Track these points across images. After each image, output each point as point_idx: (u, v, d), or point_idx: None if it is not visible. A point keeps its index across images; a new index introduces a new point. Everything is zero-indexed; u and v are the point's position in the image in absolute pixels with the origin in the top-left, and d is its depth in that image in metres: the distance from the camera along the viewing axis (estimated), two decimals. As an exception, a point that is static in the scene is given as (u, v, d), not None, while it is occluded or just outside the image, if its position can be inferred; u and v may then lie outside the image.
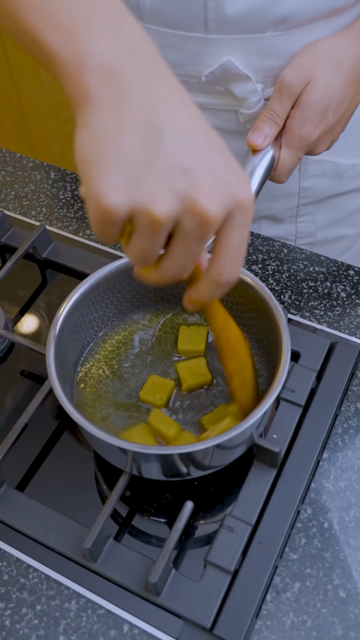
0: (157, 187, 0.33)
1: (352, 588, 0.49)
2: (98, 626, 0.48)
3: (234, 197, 0.35)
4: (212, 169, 0.34)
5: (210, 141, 0.35)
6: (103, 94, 0.34)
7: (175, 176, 0.33)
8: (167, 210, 0.33)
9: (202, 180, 0.33)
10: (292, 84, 0.56)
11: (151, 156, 0.33)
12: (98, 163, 0.33)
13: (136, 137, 0.33)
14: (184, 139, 0.34)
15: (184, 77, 0.65)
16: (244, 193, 0.35)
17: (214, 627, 0.46)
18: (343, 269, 0.68)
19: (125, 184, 0.33)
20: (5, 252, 0.73)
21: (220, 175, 0.34)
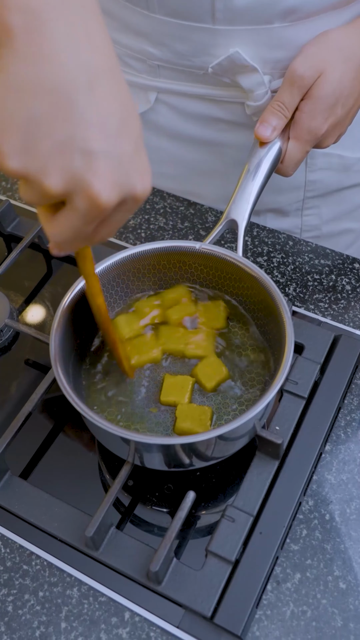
0: (53, 161, 0.32)
1: (352, 579, 0.49)
2: (99, 613, 0.48)
3: (131, 188, 0.35)
4: (117, 155, 0.33)
5: (124, 123, 0.34)
6: (25, 42, 0.31)
7: (76, 155, 0.32)
8: (57, 185, 0.33)
9: (103, 166, 0.33)
10: (304, 76, 0.56)
11: (58, 129, 0.32)
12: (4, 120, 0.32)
13: (49, 105, 0.32)
14: (97, 119, 0.33)
15: (190, 69, 0.65)
16: (143, 186, 0.35)
17: (214, 616, 0.46)
18: (348, 262, 0.68)
19: (23, 149, 0.32)
20: (11, 241, 0.73)
21: (123, 164, 0.34)
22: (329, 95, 0.56)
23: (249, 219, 0.57)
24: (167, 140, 0.74)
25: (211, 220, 0.72)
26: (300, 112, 0.58)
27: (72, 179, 0.33)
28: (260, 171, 0.57)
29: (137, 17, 0.62)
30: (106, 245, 0.70)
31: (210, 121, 0.69)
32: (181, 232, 0.71)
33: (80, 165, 0.32)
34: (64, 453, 0.57)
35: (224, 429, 0.46)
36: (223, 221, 0.57)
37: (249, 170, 0.58)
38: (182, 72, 0.65)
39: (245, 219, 0.56)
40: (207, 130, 0.70)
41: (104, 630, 0.48)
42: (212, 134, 0.70)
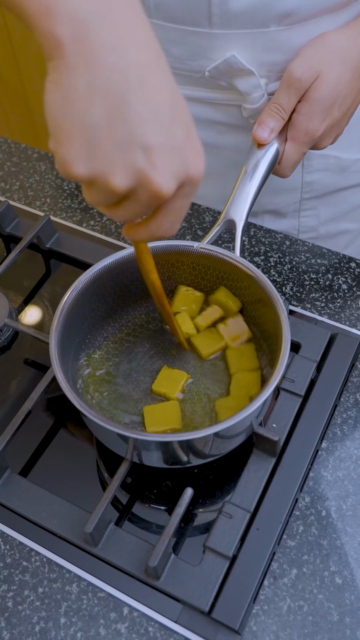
0: (117, 161, 0.34)
1: (348, 575, 0.50)
2: (98, 609, 0.49)
3: (187, 172, 0.37)
4: (171, 145, 0.35)
5: (174, 112, 0.36)
6: (75, 53, 0.33)
7: (136, 152, 0.34)
8: (123, 184, 0.35)
9: (160, 157, 0.35)
10: (301, 79, 0.57)
11: (116, 129, 0.34)
12: (66, 130, 0.34)
13: (104, 107, 0.33)
14: (150, 112, 0.34)
15: (187, 72, 0.65)
16: (197, 168, 0.37)
17: (212, 610, 0.47)
18: (345, 261, 0.68)
19: (88, 154, 0.34)
20: (10, 242, 0.73)
21: (177, 151, 0.36)
22: (326, 97, 0.57)
23: (246, 219, 0.57)
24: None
25: (209, 221, 0.73)
26: (298, 113, 0.58)
27: (135, 175, 0.35)
28: (258, 172, 0.58)
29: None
30: (105, 245, 0.70)
31: (208, 124, 0.70)
32: (178, 232, 0.72)
33: (141, 161, 0.34)
34: (63, 451, 0.57)
35: (221, 426, 0.46)
36: (221, 221, 0.58)
37: (246, 171, 0.58)
38: (180, 75, 0.66)
39: (242, 219, 0.57)
40: (204, 132, 0.71)
41: (103, 626, 0.48)
42: (209, 136, 0.71)
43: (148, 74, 0.34)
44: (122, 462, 0.51)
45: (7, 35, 1.50)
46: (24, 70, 1.57)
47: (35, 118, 1.69)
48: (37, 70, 1.55)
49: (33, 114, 1.68)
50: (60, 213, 0.75)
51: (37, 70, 1.55)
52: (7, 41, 1.51)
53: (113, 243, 0.71)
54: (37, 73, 1.56)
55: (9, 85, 1.63)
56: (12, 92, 1.64)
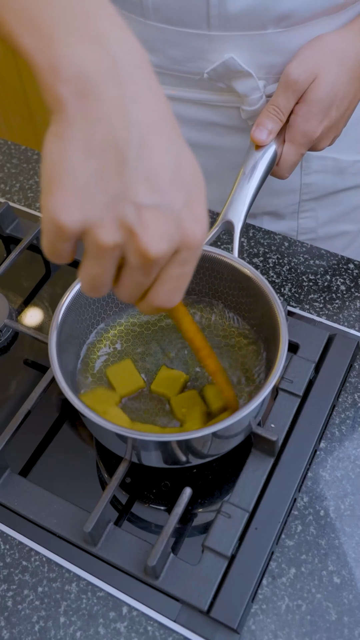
0: (107, 215, 0.33)
1: (346, 574, 0.50)
2: (98, 608, 0.49)
3: (182, 238, 0.35)
4: (167, 207, 0.34)
5: (176, 175, 0.35)
6: (76, 108, 0.32)
7: (127, 209, 0.33)
8: (110, 239, 0.34)
9: (152, 219, 0.34)
10: (299, 81, 0.57)
11: (111, 184, 0.33)
12: (60, 181, 0.33)
13: (101, 162, 0.33)
14: (148, 173, 0.33)
15: (186, 74, 0.66)
16: (195, 235, 0.36)
17: (211, 610, 0.47)
18: (343, 262, 0.69)
19: (80, 205, 0.33)
20: (10, 243, 0.74)
21: (174, 215, 0.34)
22: (324, 98, 0.57)
23: (244, 221, 0.57)
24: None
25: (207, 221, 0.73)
26: (295, 115, 0.59)
27: (124, 231, 0.34)
28: (256, 174, 0.58)
29: (133, 24, 0.63)
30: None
31: (206, 125, 0.70)
32: (178, 233, 0.72)
33: (131, 218, 0.33)
34: (62, 451, 0.58)
35: (220, 425, 0.46)
36: (219, 222, 0.58)
37: (244, 172, 0.59)
38: (178, 77, 0.66)
39: (241, 220, 0.57)
40: (203, 134, 0.71)
41: (102, 625, 0.48)
42: (208, 138, 0.71)
43: (151, 134, 0.34)
44: (121, 462, 0.52)
45: (7, 37, 1.50)
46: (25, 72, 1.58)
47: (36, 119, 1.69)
48: (37, 73, 1.56)
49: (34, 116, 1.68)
50: (60, 214, 0.75)
51: (37, 73, 1.56)
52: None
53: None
54: (37, 75, 1.56)
55: (10, 87, 1.64)
56: (12, 93, 1.65)
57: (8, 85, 1.63)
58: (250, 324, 0.58)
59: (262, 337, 0.57)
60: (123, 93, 0.33)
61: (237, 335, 0.58)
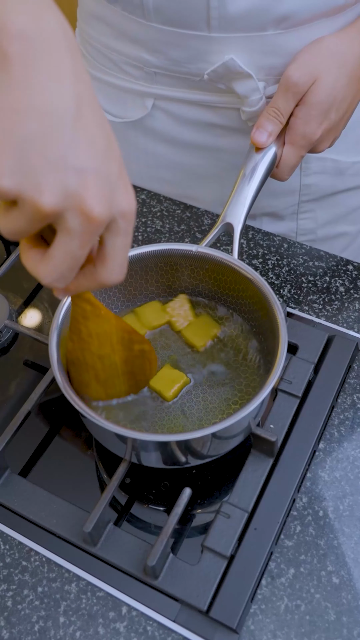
0: (48, 179, 0.33)
1: (345, 574, 0.50)
2: (97, 608, 0.49)
3: (119, 205, 0.36)
4: (106, 174, 0.35)
5: (109, 147, 0.36)
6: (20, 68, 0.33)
7: (69, 173, 0.33)
8: (51, 202, 0.33)
9: (94, 183, 0.34)
10: (299, 83, 0.57)
11: (51, 148, 0.33)
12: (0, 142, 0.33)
13: (42, 124, 0.33)
14: (87, 139, 0.34)
15: (186, 75, 0.66)
16: (129, 203, 0.37)
17: (210, 610, 0.47)
18: (342, 264, 0.69)
19: (19, 169, 0.33)
20: (10, 244, 0.74)
21: (111, 182, 0.35)
22: (323, 101, 0.57)
23: (244, 222, 0.58)
24: (164, 146, 0.75)
25: (207, 223, 0.73)
26: (295, 117, 0.59)
27: (66, 195, 0.33)
28: (256, 175, 0.59)
29: (134, 25, 0.64)
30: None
31: (206, 127, 0.71)
32: (177, 234, 0.72)
33: (73, 182, 0.33)
34: (62, 451, 0.58)
35: (219, 426, 0.47)
36: (219, 224, 0.58)
37: (244, 174, 0.59)
38: (178, 78, 0.67)
39: (241, 222, 0.57)
40: (203, 135, 0.72)
41: (102, 625, 0.48)
42: (208, 139, 0.72)
43: (86, 107, 0.34)
44: (121, 463, 0.52)
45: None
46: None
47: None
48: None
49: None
50: (60, 215, 0.75)
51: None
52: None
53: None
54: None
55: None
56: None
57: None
58: (250, 325, 0.58)
59: (261, 338, 0.57)
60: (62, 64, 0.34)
61: (236, 337, 0.58)
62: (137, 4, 0.61)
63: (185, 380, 0.55)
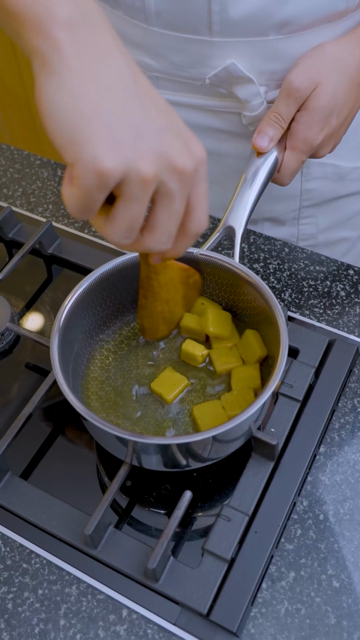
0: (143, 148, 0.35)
1: (345, 578, 0.50)
2: (98, 611, 0.49)
3: (195, 154, 0.38)
4: (177, 129, 0.37)
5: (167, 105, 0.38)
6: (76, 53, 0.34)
7: (154, 136, 0.35)
8: (151, 170, 0.35)
9: (173, 140, 0.36)
10: (300, 88, 0.58)
11: (131, 119, 0.35)
12: (88, 127, 0.33)
13: (117, 100, 0.34)
14: (152, 102, 0.36)
15: (187, 80, 0.66)
16: (202, 150, 0.39)
17: (210, 613, 0.47)
18: (343, 268, 0.69)
19: (117, 146, 0.34)
20: (12, 247, 0.74)
21: (182, 135, 0.37)
22: (325, 106, 0.58)
23: (245, 226, 0.58)
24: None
25: (208, 227, 0.73)
26: (297, 122, 0.59)
27: (160, 158, 0.36)
28: (257, 180, 0.59)
29: (136, 29, 0.64)
30: (106, 250, 0.71)
31: (208, 131, 0.71)
32: (179, 239, 0.73)
33: (158, 144, 0.36)
34: (63, 454, 0.58)
35: (220, 429, 0.47)
36: (220, 228, 0.58)
37: (246, 179, 0.59)
38: (180, 83, 0.67)
39: (242, 226, 0.58)
40: (204, 139, 0.72)
41: (102, 628, 0.48)
42: (209, 144, 0.72)
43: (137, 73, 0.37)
44: (122, 465, 0.52)
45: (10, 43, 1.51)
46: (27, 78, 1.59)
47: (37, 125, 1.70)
48: (39, 78, 1.56)
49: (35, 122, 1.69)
50: (62, 219, 0.76)
51: (40, 78, 1.56)
52: (10, 49, 1.53)
53: (113, 249, 0.72)
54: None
55: (11, 92, 1.65)
56: (14, 98, 1.66)
57: (10, 91, 1.64)
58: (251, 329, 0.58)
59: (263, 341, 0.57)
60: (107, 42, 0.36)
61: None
62: (139, 8, 0.62)
63: (186, 384, 0.55)
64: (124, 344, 0.60)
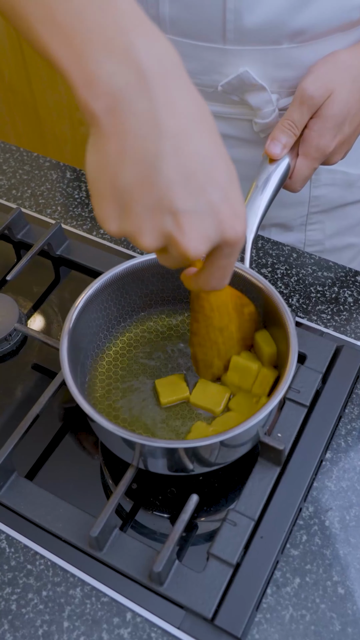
0: (146, 224, 0.36)
1: (350, 585, 0.50)
2: (102, 613, 0.49)
3: (222, 235, 0.37)
4: (203, 209, 0.35)
5: (210, 174, 0.35)
6: (109, 123, 0.34)
7: (164, 216, 0.35)
8: (152, 244, 0.37)
9: (189, 222, 0.35)
10: (314, 96, 0.58)
11: (146, 194, 0.35)
12: (100, 191, 0.36)
13: (136, 174, 0.34)
14: (180, 178, 0.34)
15: (200, 87, 0.66)
16: (235, 230, 0.37)
17: (215, 617, 0.47)
18: (351, 274, 0.69)
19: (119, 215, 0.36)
20: (21, 248, 0.74)
21: (210, 215, 0.36)
22: (338, 114, 0.58)
23: (256, 232, 0.58)
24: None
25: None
26: (309, 130, 0.59)
27: (163, 237, 0.36)
28: (269, 186, 0.59)
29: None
30: (114, 253, 0.71)
31: (219, 137, 0.71)
32: (187, 243, 0.73)
33: (169, 225, 0.36)
34: (69, 455, 0.58)
35: (228, 434, 0.47)
36: (231, 233, 0.58)
37: (257, 185, 0.59)
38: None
39: (253, 231, 0.58)
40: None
41: (106, 630, 0.48)
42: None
43: (183, 141, 0.34)
44: (128, 468, 0.52)
45: (18, 46, 1.52)
46: (35, 81, 1.59)
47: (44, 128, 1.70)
48: (47, 81, 1.57)
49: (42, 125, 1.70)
50: (71, 221, 0.76)
51: (47, 81, 1.57)
52: (18, 52, 1.53)
53: (122, 251, 0.72)
54: (47, 84, 1.58)
55: (19, 95, 1.65)
56: (21, 101, 1.66)
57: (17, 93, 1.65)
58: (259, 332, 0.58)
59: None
60: (153, 104, 0.34)
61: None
62: (153, 15, 0.62)
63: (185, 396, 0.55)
64: (132, 347, 0.60)
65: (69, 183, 0.81)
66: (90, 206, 0.77)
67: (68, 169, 0.83)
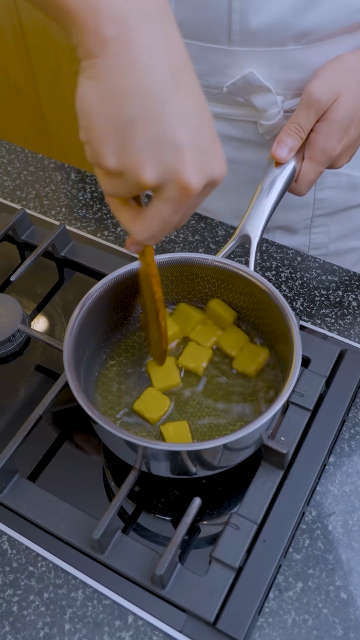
0: (149, 156, 0.36)
1: (353, 590, 0.50)
2: (103, 616, 0.49)
3: (211, 173, 0.38)
4: (201, 145, 0.37)
5: (203, 115, 0.38)
6: (118, 51, 0.34)
7: (167, 149, 0.36)
8: (153, 178, 0.36)
9: (190, 156, 0.36)
10: (321, 100, 0.58)
11: (151, 127, 0.35)
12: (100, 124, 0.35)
13: (142, 107, 0.35)
14: (183, 114, 0.36)
15: (205, 88, 0.66)
16: (221, 170, 0.39)
17: (217, 621, 0.47)
18: (355, 278, 0.69)
19: (120, 148, 0.36)
20: (25, 249, 0.74)
21: (205, 152, 0.38)
22: (344, 117, 0.58)
23: (261, 235, 0.58)
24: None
25: (221, 235, 0.74)
26: (316, 133, 0.59)
27: (165, 170, 0.36)
28: (274, 189, 0.59)
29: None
30: (118, 255, 0.71)
31: (224, 139, 0.71)
32: (191, 245, 0.73)
33: (171, 158, 0.36)
34: (71, 457, 0.58)
35: (231, 437, 0.47)
36: (237, 236, 0.58)
37: (263, 188, 0.59)
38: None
39: (258, 234, 0.58)
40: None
41: (107, 633, 0.48)
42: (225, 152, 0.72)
43: (182, 78, 0.36)
44: (131, 471, 0.52)
45: (24, 48, 1.52)
46: (40, 83, 1.60)
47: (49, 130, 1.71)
48: (53, 83, 1.58)
49: (47, 126, 1.70)
50: (75, 223, 0.76)
51: (53, 83, 1.58)
52: (24, 54, 1.54)
53: (126, 253, 0.72)
54: (53, 86, 1.58)
55: (24, 96, 1.65)
56: (26, 102, 1.67)
57: (22, 94, 1.65)
58: (263, 338, 0.58)
59: (275, 350, 0.57)
60: (159, 39, 0.35)
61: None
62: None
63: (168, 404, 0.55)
64: (135, 349, 0.59)
65: (74, 184, 0.81)
66: (95, 208, 0.77)
67: (73, 170, 0.83)
